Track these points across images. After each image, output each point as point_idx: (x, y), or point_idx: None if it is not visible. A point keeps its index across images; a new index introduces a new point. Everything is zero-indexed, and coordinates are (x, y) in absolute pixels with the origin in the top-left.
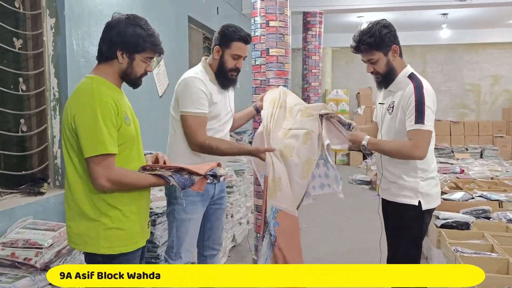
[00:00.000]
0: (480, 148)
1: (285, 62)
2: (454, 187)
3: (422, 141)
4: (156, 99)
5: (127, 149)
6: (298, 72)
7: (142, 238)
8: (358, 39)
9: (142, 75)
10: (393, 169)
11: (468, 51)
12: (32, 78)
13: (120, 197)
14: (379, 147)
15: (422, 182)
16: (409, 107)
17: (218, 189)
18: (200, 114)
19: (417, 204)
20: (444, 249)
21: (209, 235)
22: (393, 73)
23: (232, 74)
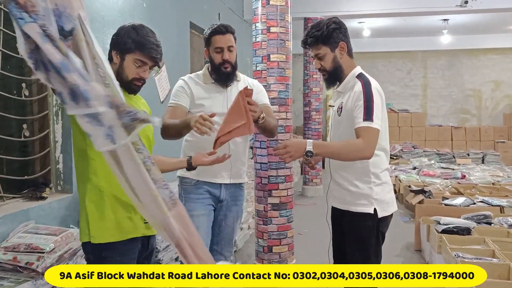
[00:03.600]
0: (481, 154)
1: (286, 68)
2: (456, 192)
3: (372, 139)
4: (158, 104)
5: None
6: (299, 78)
7: (134, 229)
8: (307, 32)
9: (135, 79)
10: (345, 173)
11: (469, 56)
12: (34, 84)
13: (110, 188)
14: (326, 149)
15: (376, 187)
16: (357, 105)
17: (229, 194)
18: (170, 104)
19: (372, 212)
20: (445, 255)
21: (218, 240)
22: (340, 71)
23: (225, 67)
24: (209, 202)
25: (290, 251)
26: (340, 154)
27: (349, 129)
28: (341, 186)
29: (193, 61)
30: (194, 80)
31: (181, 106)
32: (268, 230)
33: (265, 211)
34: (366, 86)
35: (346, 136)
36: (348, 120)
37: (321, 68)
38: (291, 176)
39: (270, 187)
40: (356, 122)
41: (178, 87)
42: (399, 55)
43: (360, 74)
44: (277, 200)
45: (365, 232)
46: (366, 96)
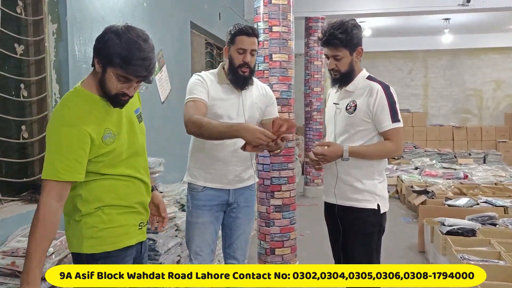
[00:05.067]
0: (483, 153)
1: (288, 68)
2: (458, 192)
3: (401, 139)
4: (159, 105)
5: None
6: (300, 78)
7: (130, 238)
8: (330, 32)
9: (119, 94)
10: (353, 171)
11: (470, 56)
12: (33, 84)
13: (102, 196)
14: (360, 156)
15: (380, 184)
16: (382, 108)
17: (238, 197)
18: (191, 99)
19: (376, 208)
20: (450, 256)
21: (229, 243)
22: (352, 73)
23: (243, 71)
24: (218, 208)
25: (293, 253)
26: (372, 156)
27: (361, 126)
28: (345, 183)
29: (194, 61)
30: (209, 78)
31: (202, 100)
32: (270, 232)
33: (268, 212)
34: (387, 89)
35: (363, 134)
36: (363, 119)
37: (334, 69)
38: (293, 177)
39: (272, 188)
40: (386, 125)
41: (195, 81)
42: (400, 54)
43: (370, 76)
44: (280, 202)
45: (369, 227)
46: (389, 99)
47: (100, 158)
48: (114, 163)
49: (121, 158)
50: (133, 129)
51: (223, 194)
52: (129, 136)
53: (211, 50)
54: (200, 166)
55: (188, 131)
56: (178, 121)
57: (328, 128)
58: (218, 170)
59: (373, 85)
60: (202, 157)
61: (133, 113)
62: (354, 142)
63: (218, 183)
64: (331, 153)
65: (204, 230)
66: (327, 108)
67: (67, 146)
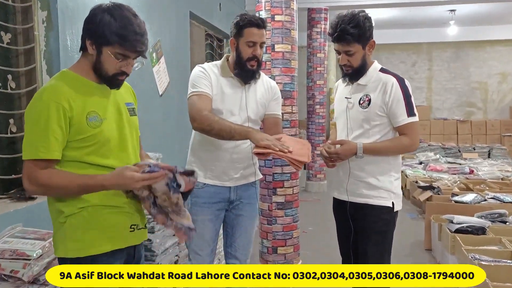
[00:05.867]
0: (487, 148)
1: (292, 59)
2: (465, 188)
3: (417, 133)
4: (157, 98)
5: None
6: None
7: (118, 241)
8: (342, 27)
9: (117, 74)
10: (368, 167)
11: (476, 48)
12: (22, 76)
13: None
14: (376, 151)
15: (395, 181)
16: (397, 101)
17: (240, 194)
18: (196, 93)
19: (391, 206)
20: (460, 256)
21: (231, 242)
22: (365, 67)
23: (252, 65)
24: (218, 206)
25: (295, 252)
26: (387, 153)
27: (376, 121)
28: (359, 179)
29: (193, 52)
30: (212, 71)
31: (207, 94)
32: (272, 230)
33: (270, 210)
34: (402, 82)
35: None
36: (377, 113)
37: (346, 64)
38: (297, 173)
39: (274, 185)
40: (401, 119)
41: (199, 73)
42: (403, 47)
43: (383, 68)
44: (282, 199)
45: (383, 225)
46: (404, 92)
47: (84, 142)
48: (102, 152)
49: (110, 147)
50: (121, 118)
51: (224, 191)
52: (118, 125)
53: (211, 41)
54: (201, 162)
55: (196, 126)
56: (177, 114)
57: (339, 123)
58: (218, 167)
59: (388, 78)
60: (202, 153)
61: (123, 104)
62: (369, 138)
63: (219, 180)
64: (345, 151)
65: (204, 228)
66: (336, 102)
67: (45, 120)
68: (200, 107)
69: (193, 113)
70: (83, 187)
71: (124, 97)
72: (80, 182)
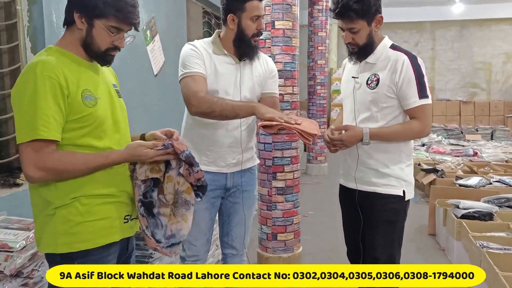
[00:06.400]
0: (490, 129)
1: (293, 37)
2: (469, 171)
3: (428, 117)
4: (151, 78)
5: (91, 133)
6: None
7: (112, 233)
8: (343, 3)
9: (110, 49)
10: (377, 154)
11: (481, 27)
12: (5, 54)
13: (80, 181)
14: (383, 138)
15: (406, 168)
16: (408, 81)
17: (237, 181)
18: (189, 74)
19: (401, 194)
20: (466, 242)
21: (227, 231)
22: (372, 45)
23: (255, 40)
24: (214, 194)
25: (296, 238)
26: (396, 139)
27: (385, 103)
28: (368, 167)
29: (189, 31)
30: (204, 48)
31: (201, 74)
32: (272, 216)
33: (269, 195)
34: (414, 60)
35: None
36: (387, 94)
37: (351, 42)
38: (297, 157)
39: (274, 169)
40: (412, 102)
41: (189, 51)
42: (406, 26)
43: (394, 45)
44: (282, 184)
45: (393, 215)
46: (416, 71)
47: (79, 122)
48: (97, 133)
49: (104, 128)
50: (112, 99)
51: (220, 178)
52: (111, 106)
53: (209, 19)
54: (194, 147)
55: (196, 111)
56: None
57: (346, 105)
58: (214, 152)
59: (399, 55)
60: (196, 137)
61: (111, 84)
62: (377, 121)
63: (215, 166)
64: (350, 137)
65: (199, 218)
66: (343, 82)
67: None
68: (195, 90)
69: (189, 97)
70: (98, 168)
71: (109, 78)
72: (96, 164)
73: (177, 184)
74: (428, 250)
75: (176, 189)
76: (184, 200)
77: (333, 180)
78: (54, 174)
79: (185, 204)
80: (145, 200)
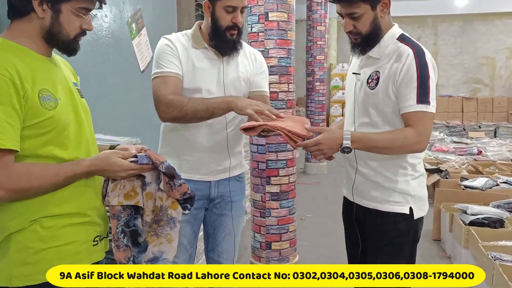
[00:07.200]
0: (494, 126)
1: (288, 29)
2: (474, 171)
3: (427, 128)
4: (137, 75)
5: (54, 141)
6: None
7: (79, 260)
8: None
9: (78, 35)
10: (374, 163)
11: (485, 21)
12: None
13: (37, 202)
14: (368, 143)
15: (413, 181)
16: (408, 81)
17: (223, 190)
18: (159, 74)
19: (407, 212)
20: (475, 252)
21: (212, 246)
22: (378, 34)
23: (232, 34)
24: (196, 205)
25: (292, 247)
26: (385, 148)
27: (387, 107)
28: (366, 178)
29: (181, 23)
30: (180, 42)
31: (174, 75)
32: (266, 223)
33: (263, 201)
34: (420, 56)
35: (383, 117)
36: (387, 96)
37: (353, 31)
38: (293, 160)
39: (268, 173)
40: (407, 105)
41: (163, 47)
42: (407, 20)
43: (403, 36)
44: (277, 189)
45: (397, 236)
46: (420, 69)
47: (39, 128)
48: (60, 141)
49: (68, 135)
50: (74, 100)
51: (203, 188)
52: (73, 108)
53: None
54: (174, 152)
55: (166, 117)
56: None
57: (347, 106)
58: (195, 157)
59: (403, 48)
60: (174, 141)
61: (71, 82)
62: (379, 128)
63: (197, 174)
64: (326, 140)
65: (180, 231)
66: (347, 78)
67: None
68: (163, 93)
69: (157, 102)
70: (70, 179)
71: (68, 75)
72: (69, 174)
73: (159, 199)
74: (433, 257)
75: (159, 206)
76: (169, 217)
77: (332, 180)
78: (16, 193)
79: (170, 222)
80: (128, 229)
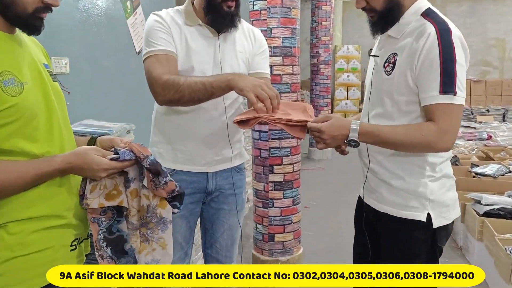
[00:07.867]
0: (502, 110)
1: (293, 7)
2: (484, 157)
3: (453, 123)
4: (133, 56)
5: (20, 133)
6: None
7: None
8: None
9: (38, 10)
10: (387, 161)
11: (495, 1)
12: None
13: (1, 205)
14: (379, 138)
15: (432, 183)
16: (428, 65)
17: (221, 182)
18: (154, 52)
19: (424, 220)
20: (491, 245)
21: (210, 242)
22: (396, 9)
23: (229, 6)
24: (192, 199)
25: (296, 239)
26: (399, 146)
27: (401, 95)
28: (378, 177)
29: (179, 1)
30: (172, 18)
31: (168, 53)
32: (268, 214)
33: (265, 191)
34: (444, 35)
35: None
36: (404, 83)
37: (366, 8)
38: (297, 147)
39: (271, 161)
40: (429, 96)
41: (153, 24)
42: None
43: (429, 11)
44: (280, 178)
45: (414, 246)
46: (444, 52)
47: (1, 118)
48: (28, 132)
49: (37, 125)
50: (44, 84)
51: (200, 180)
52: (43, 93)
53: None
54: (168, 142)
55: (162, 99)
56: None
57: (366, 92)
58: (190, 147)
59: (425, 26)
60: (169, 129)
61: (42, 64)
62: (394, 121)
63: (193, 165)
64: (330, 129)
65: (174, 228)
66: (369, 63)
67: None
68: (158, 73)
69: (152, 84)
70: (40, 178)
71: (38, 55)
72: (38, 172)
73: (145, 198)
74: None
75: (145, 205)
76: (159, 217)
77: (337, 166)
78: None
79: (160, 224)
80: (111, 237)
